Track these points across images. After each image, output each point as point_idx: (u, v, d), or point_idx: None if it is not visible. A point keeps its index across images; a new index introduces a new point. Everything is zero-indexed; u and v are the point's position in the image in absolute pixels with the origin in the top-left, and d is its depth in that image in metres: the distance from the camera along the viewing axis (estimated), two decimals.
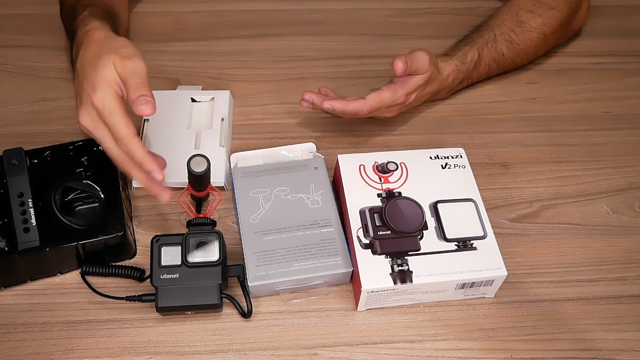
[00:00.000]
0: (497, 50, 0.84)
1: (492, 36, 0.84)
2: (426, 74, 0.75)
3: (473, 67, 0.83)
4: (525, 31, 0.85)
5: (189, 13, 0.96)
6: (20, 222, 0.64)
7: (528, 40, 0.86)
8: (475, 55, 0.83)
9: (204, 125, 0.79)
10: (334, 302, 0.67)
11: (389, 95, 0.73)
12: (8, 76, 0.87)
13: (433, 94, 0.82)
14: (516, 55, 0.86)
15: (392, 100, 0.73)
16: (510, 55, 0.86)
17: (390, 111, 0.77)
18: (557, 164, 0.81)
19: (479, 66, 0.84)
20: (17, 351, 0.62)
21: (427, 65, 0.74)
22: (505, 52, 0.85)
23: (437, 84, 0.80)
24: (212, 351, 0.63)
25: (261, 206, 0.69)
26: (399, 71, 0.70)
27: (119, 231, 0.65)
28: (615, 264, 0.72)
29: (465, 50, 0.83)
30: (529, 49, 0.87)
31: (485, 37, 0.84)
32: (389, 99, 0.73)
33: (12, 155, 0.67)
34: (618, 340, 0.65)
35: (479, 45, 0.83)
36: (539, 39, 0.86)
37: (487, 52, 0.84)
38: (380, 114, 0.77)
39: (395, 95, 0.73)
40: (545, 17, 0.86)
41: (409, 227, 0.67)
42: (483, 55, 0.84)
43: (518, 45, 0.85)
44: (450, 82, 0.82)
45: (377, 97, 0.72)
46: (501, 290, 0.67)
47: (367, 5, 1.00)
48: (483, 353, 0.64)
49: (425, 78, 0.75)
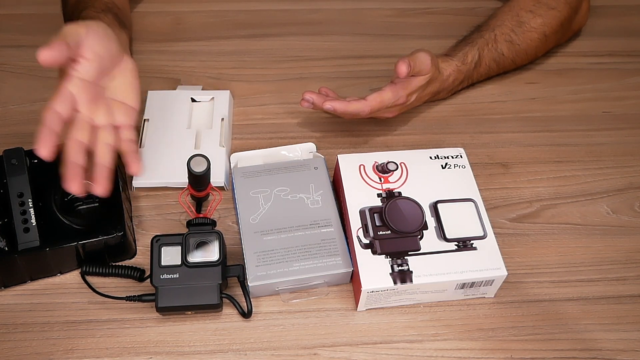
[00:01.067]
0: (498, 51, 0.85)
1: (492, 36, 0.84)
2: (428, 75, 0.75)
3: (473, 67, 0.83)
4: (525, 31, 0.85)
5: (189, 13, 0.96)
6: (20, 222, 0.64)
7: (528, 41, 0.86)
8: (475, 55, 0.83)
9: (204, 125, 0.79)
10: (334, 302, 0.67)
11: (390, 95, 0.73)
12: (8, 76, 0.87)
13: (434, 95, 0.82)
14: (516, 56, 0.86)
15: (393, 101, 0.73)
16: (511, 56, 0.86)
17: (391, 111, 0.77)
18: (557, 164, 0.81)
19: (479, 66, 0.84)
20: (17, 351, 0.62)
21: (429, 67, 0.74)
22: (505, 52, 0.85)
23: (437, 84, 0.80)
24: (212, 351, 0.63)
25: (261, 206, 0.69)
26: (402, 74, 0.69)
27: (119, 231, 0.65)
28: (615, 264, 0.72)
29: (466, 51, 0.83)
30: (529, 49, 0.87)
31: (485, 37, 0.84)
32: (390, 99, 0.73)
33: (12, 155, 0.67)
34: (618, 340, 0.65)
35: (480, 45, 0.83)
36: (539, 39, 0.86)
37: (487, 52, 0.84)
38: (381, 114, 0.77)
39: (397, 96, 0.73)
40: (546, 18, 0.86)
41: (409, 227, 0.67)
42: (483, 56, 0.84)
43: (518, 46, 0.85)
44: (451, 82, 0.82)
45: (378, 98, 0.72)
46: (501, 290, 0.67)
47: (367, 5, 1.00)
48: (483, 353, 0.64)
49: (427, 79, 0.75)
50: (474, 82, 0.87)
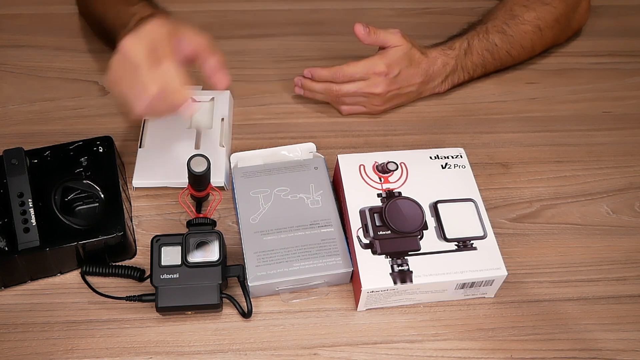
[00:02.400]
0: (489, 41, 0.85)
1: (483, 28, 0.85)
2: (402, 46, 0.78)
3: (464, 54, 0.83)
4: (518, 24, 0.86)
5: (189, 13, 0.96)
6: (20, 222, 0.64)
7: (522, 33, 0.86)
8: (464, 43, 0.84)
9: (204, 125, 0.79)
10: (334, 302, 0.67)
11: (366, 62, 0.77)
12: (8, 76, 0.87)
13: (426, 81, 0.82)
14: (511, 47, 0.86)
15: (371, 68, 0.77)
16: (505, 47, 0.86)
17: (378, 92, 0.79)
18: (557, 164, 0.81)
19: (471, 54, 0.84)
20: (17, 351, 0.62)
21: (399, 37, 0.78)
22: (498, 42, 0.85)
23: (424, 65, 0.80)
24: (212, 351, 0.63)
25: (261, 206, 0.69)
26: (359, 33, 0.76)
27: (119, 231, 0.65)
28: (615, 264, 0.72)
29: (454, 39, 0.84)
30: (524, 42, 0.87)
31: (476, 29, 0.85)
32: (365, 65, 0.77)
33: (12, 155, 0.67)
34: (618, 340, 0.65)
35: (469, 35, 0.84)
36: (533, 31, 0.86)
37: (477, 42, 0.84)
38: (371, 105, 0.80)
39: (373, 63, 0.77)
40: (539, 12, 0.86)
41: (409, 227, 0.67)
42: (474, 45, 0.84)
43: (512, 37, 0.86)
44: (441, 66, 0.82)
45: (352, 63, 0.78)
46: (501, 290, 0.67)
47: (367, 5, 1.00)
48: (483, 353, 0.64)
49: (402, 50, 0.78)
50: (472, 75, 0.86)
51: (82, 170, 0.69)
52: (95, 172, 0.69)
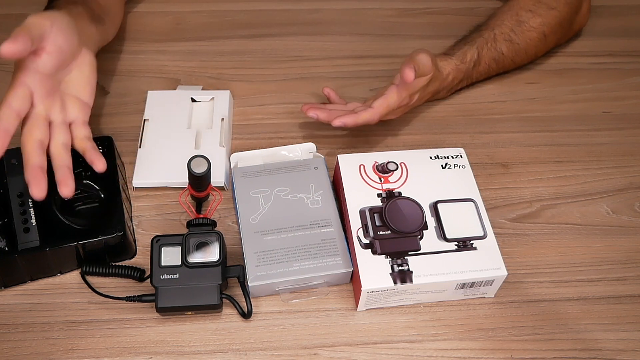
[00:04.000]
0: (497, 50, 0.85)
1: (491, 35, 0.84)
2: (429, 75, 0.75)
3: (472, 66, 0.83)
4: (525, 31, 0.85)
5: (189, 13, 0.96)
6: (20, 222, 0.64)
7: (528, 40, 0.86)
8: (474, 54, 0.83)
9: (204, 125, 0.79)
10: (334, 302, 0.67)
11: (395, 98, 0.73)
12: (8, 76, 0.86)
13: (434, 94, 0.82)
14: (516, 55, 0.86)
15: (399, 103, 0.73)
16: (510, 55, 0.86)
17: (394, 113, 0.77)
18: (557, 164, 0.81)
19: (478, 65, 0.84)
20: (17, 351, 0.62)
21: (430, 67, 0.73)
22: (505, 51, 0.85)
23: (438, 83, 0.80)
24: (212, 351, 0.63)
25: (261, 206, 0.69)
26: (409, 79, 0.68)
27: (119, 231, 0.65)
28: (615, 264, 0.72)
29: (465, 50, 0.83)
30: (529, 49, 0.87)
31: (484, 36, 0.84)
32: (395, 102, 0.73)
33: (12, 155, 0.67)
34: (618, 340, 0.65)
35: (479, 44, 0.84)
36: (538, 38, 0.86)
37: (486, 51, 0.84)
38: (385, 117, 0.77)
39: (401, 98, 0.73)
40: (545, 17, 0.86)
41: (409, 227, 0.67)
42: (483, 55, 0.84)
43: (518, 45, 0.85)
44: (450, 81, 0.82)
45: (384, 104, 0.72)
46: (501, 290, 0.67)
47: (367, 5, 1.00)
48: (483, 353, 0.64)
49: (428, 79, 0.75)
50: (474, 82, 0.87)
51: (82, 170, 0.69)
52: (95, 172, 0.69)
